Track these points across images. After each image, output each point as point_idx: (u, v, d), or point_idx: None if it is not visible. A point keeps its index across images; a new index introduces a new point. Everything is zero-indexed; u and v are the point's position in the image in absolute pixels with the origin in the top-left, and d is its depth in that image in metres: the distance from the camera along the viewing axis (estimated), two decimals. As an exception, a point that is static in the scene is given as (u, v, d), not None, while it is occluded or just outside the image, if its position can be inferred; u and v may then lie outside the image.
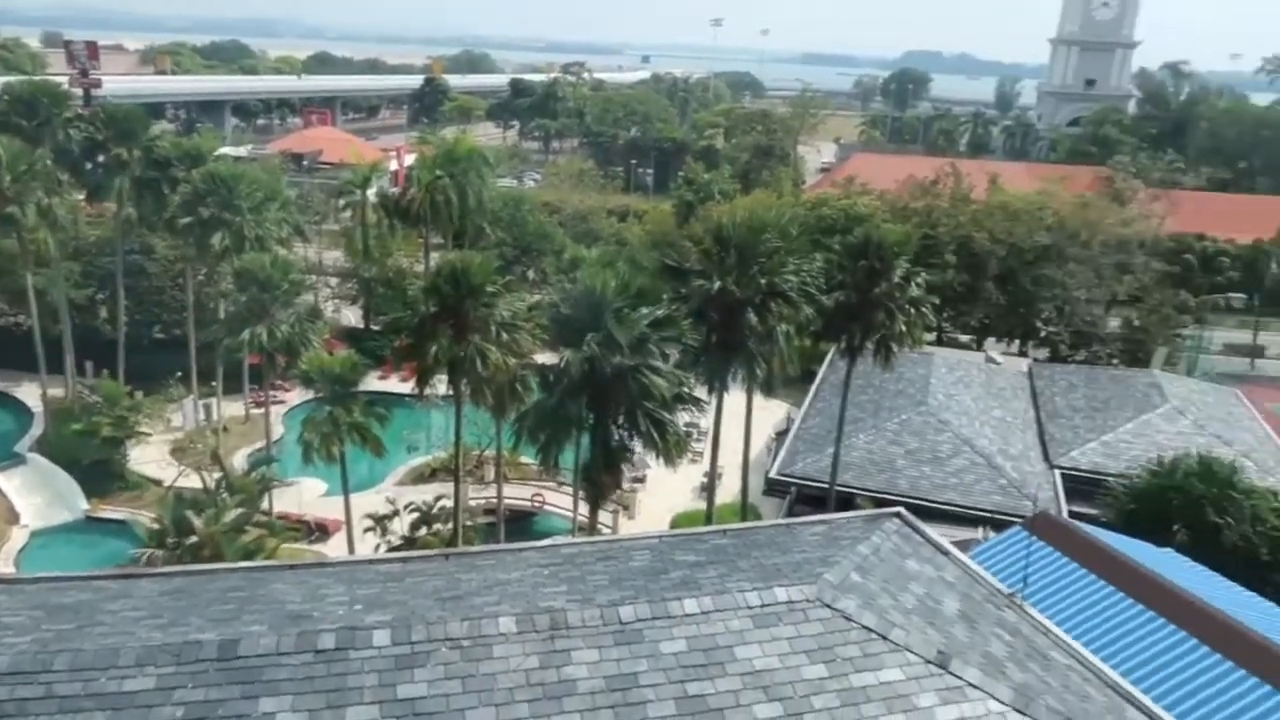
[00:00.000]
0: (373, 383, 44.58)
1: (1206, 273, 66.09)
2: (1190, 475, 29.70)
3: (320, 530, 35.82)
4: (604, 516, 33.10)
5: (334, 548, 33.97)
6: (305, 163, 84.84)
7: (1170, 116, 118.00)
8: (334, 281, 58.64)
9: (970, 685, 8.97)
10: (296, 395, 45.43)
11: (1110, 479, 32.98)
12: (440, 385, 30.33)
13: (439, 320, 28.22)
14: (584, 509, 30.05)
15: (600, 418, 25.62)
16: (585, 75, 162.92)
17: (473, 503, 36.79)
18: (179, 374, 45.35)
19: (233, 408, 45.58)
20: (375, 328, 53.49)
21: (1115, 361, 49.98)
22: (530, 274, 56.69)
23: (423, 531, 31.79)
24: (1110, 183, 71.20)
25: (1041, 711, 8.86)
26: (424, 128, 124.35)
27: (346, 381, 30.16)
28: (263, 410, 40.71)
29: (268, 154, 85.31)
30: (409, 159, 66.65)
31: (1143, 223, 60.34)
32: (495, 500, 35.18)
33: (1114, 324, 54.11)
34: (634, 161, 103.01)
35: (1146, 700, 10.42)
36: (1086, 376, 43.98)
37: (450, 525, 31.59)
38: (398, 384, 44.34)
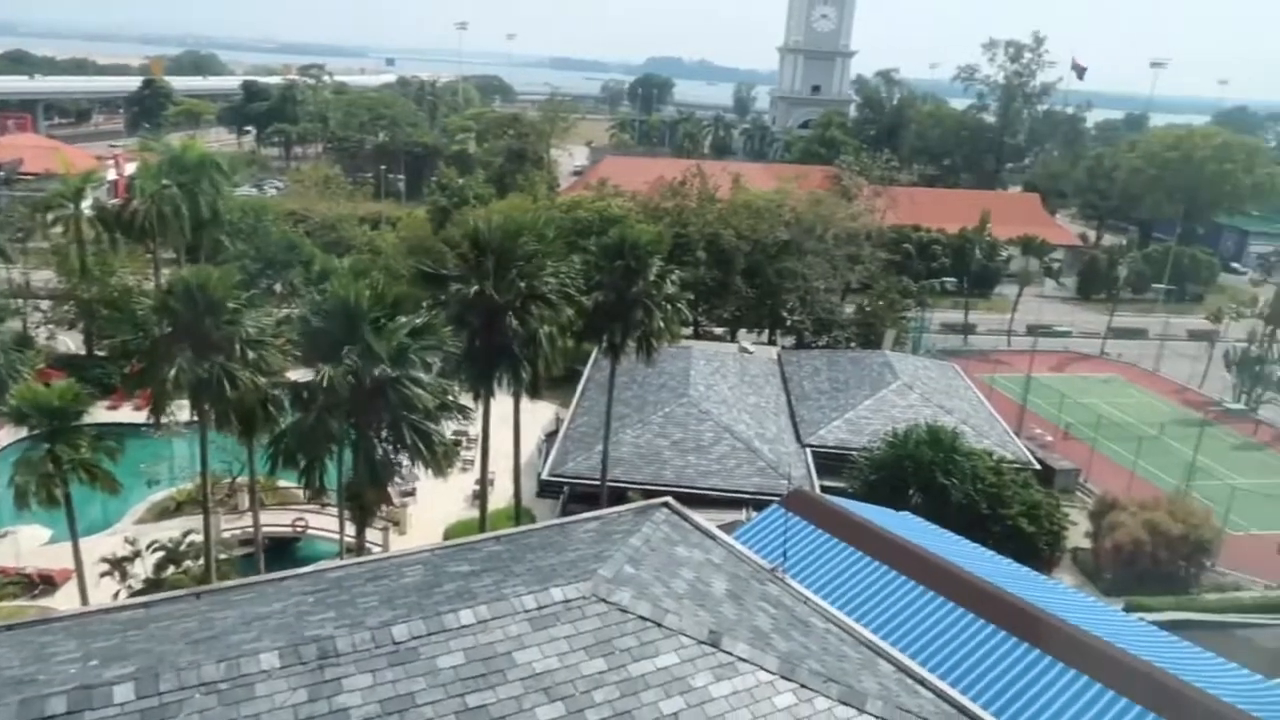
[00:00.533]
0: (102, 414, 40.33)
1: (923, 260, 73.14)
2: (920, 443, 32.78)
3: (46, 582, 31.98)
4: (373, 535, 31.88)
5: (64, 600, 30.45)
6: (2, 173, 75.50)
7: (885, 119, 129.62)
8: (46, 305, 52.50)
9: (740, 659, 9.40)
10: (6, 434, 40.28)
11: (854, 453, 35.83)
12: (181, 411, 27.99)
13: (174, 341, 26.02)
14: (352, 529, 28.76)
15: (362, 433, 24.66)
16: (326, 78, 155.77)
17: (226, 535, 34.22)
18: None
19: (-73, 455, 39.72)
20: (100, 354, 48.46)
21: (852, 344, 54.25)
22: (277, 287, 53.52)
23: (170, 571, 29.22)
24: (838, 180, 77.11)
25: (805, 675, 9.44)
26: (146, 134, 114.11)
27: (67, 415, 27.09)
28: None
29: (-47, 165, 75.19)
30: (130, 167, 60.94)
31: (867, 217, 65.87)
32: (252, 529, 32.91)
33: (849, 310, 58.67)
34: (384, 167, 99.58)
35: (894, 651, 11.37)
36: (828, 360, 47.45)
37: (201, 561, 29.24)
38: (131, 414, 40.46)
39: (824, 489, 33.27)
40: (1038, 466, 39.19)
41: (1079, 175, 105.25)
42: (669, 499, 14.09)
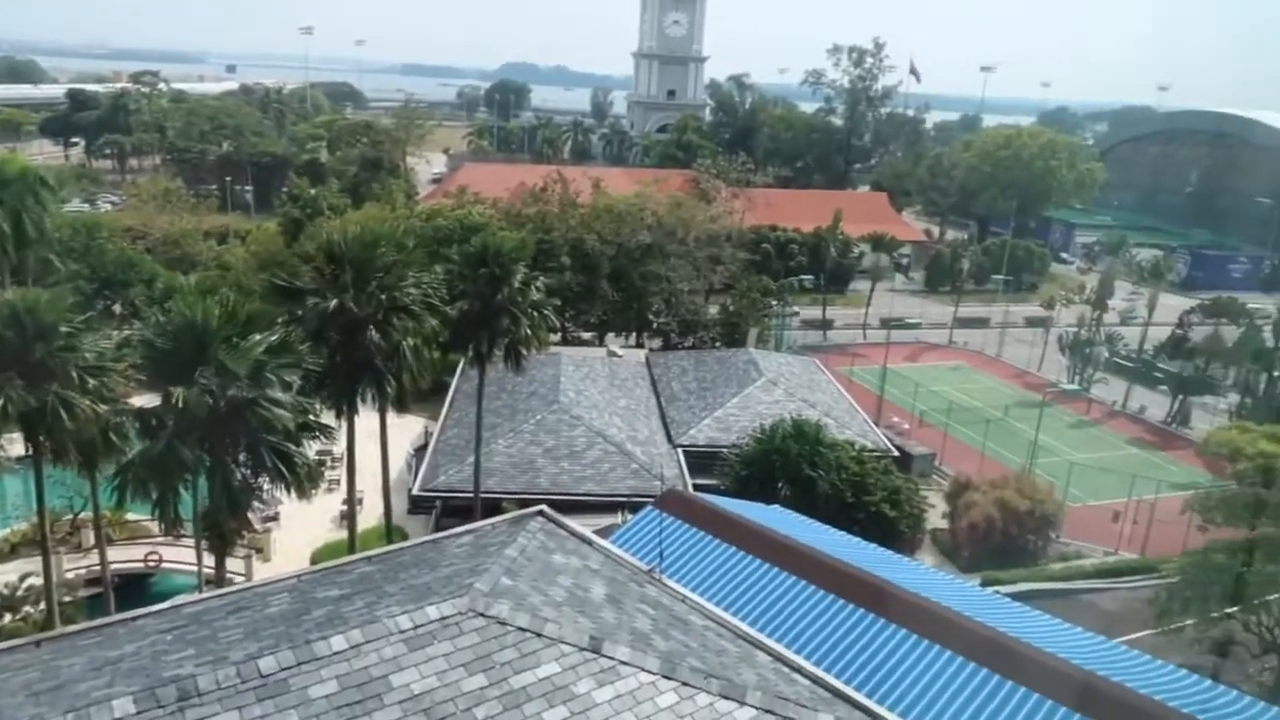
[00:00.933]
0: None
1: (781, 259, 75.35)
2: (786, 438, 33.74)
3: None
4: (235, 565, 30.40)
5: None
6: None
7: (739, 123, 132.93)
8: None
9: (622, 663, 9.43)
10: None
11: (724, 450, 36.55)
12: (13, 446, 25.98)
13: (2, 368, 24.11)
14: (211, 560, 27.33)
15: (218, 458, 23.46)
16: (162, 86, 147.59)
17: (70, 575, 31.95)
18: None
19: None
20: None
21: (718, 344, 55.33)
22: (117, 308, 50.43)
23: (6, 620, 27.08)
24: (697, 183, 78.55)
25: (686, 673, 9.55)
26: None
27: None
28: None
29: None
30: (-60, 184, 56.07)
31: (727, 218, 67.42)
32: (99, 568, 30.83)
33: (713, 310, 59.84)
34: (229, 179, 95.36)
35: (771, 642, 11.66)
36: (695, 360, 48.25)
37: (42, 606, 27.21)
38: (-46, 451, 37.21)
39: (697, 488, 33.81)
40: (896, 453, 40.96)
41: (921, 174, 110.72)
42: (544, 507, 14.04)
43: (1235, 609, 28.72)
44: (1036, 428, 45.71)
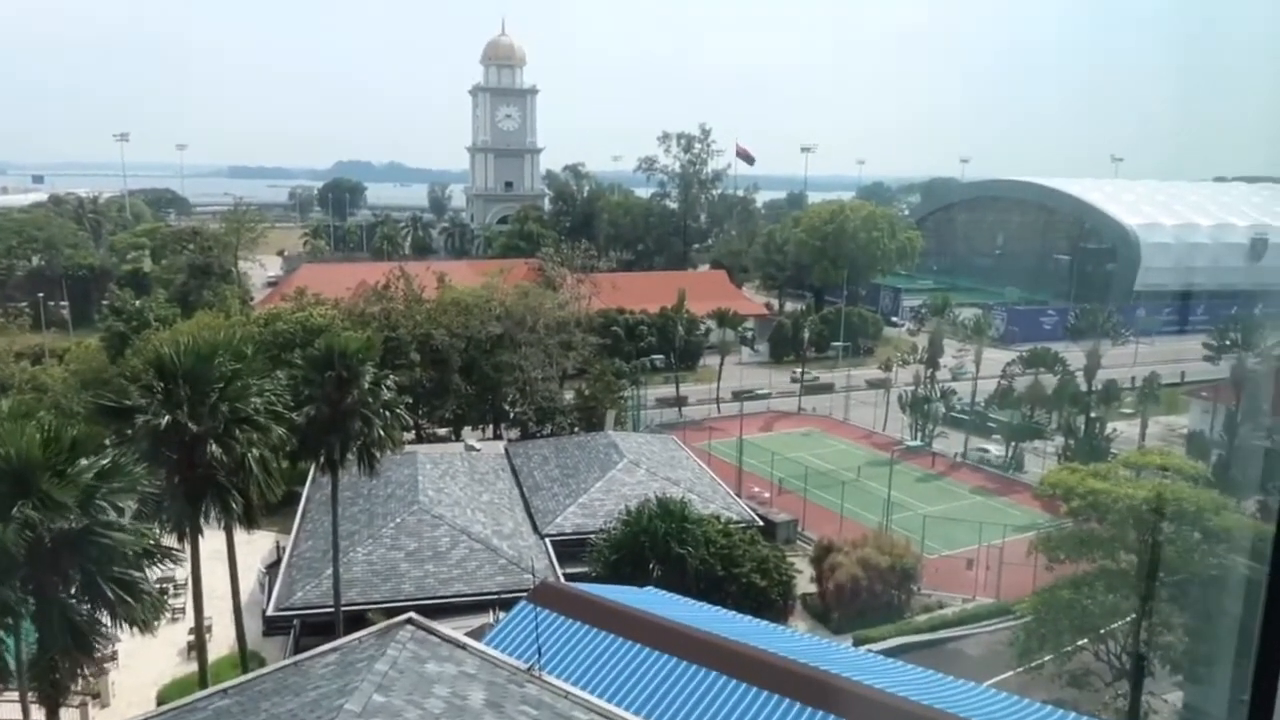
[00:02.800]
0: None
1: (631, 340, 76.48)
2: (653, 518, 33.81)
3: None
4: (70, 715, 27.52)
5: None
6: None
7: (578, 210, 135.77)
8: None
9: (512, 772, 9.04)
10: None
11: (592, 536, 36.23)
12: None
13: None
14: (41, 713, 24.66)
15: (50, 596, 21.37)
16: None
17: None
18: None
19: None
20: None
21: (576, 429, 55.22)
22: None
23: None
24: (542, 272, 79.24)
25: (580, 774, 9.24)
26: None
27: None
28: None
29: None
30: None
31: (574, 304, 68.13)
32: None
33: (569, 396, 59.87)
34: (42, 295, 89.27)
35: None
36: (555, 447, 47.95)
37: None
38: None
39: (568, 577, 33.29)
40: (761, 523, 41.68)
41: (756, 250, 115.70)
42: (412, 614, 13.52)
43: (1085, 640, 30.37)
44: (888, 485, 47.59)
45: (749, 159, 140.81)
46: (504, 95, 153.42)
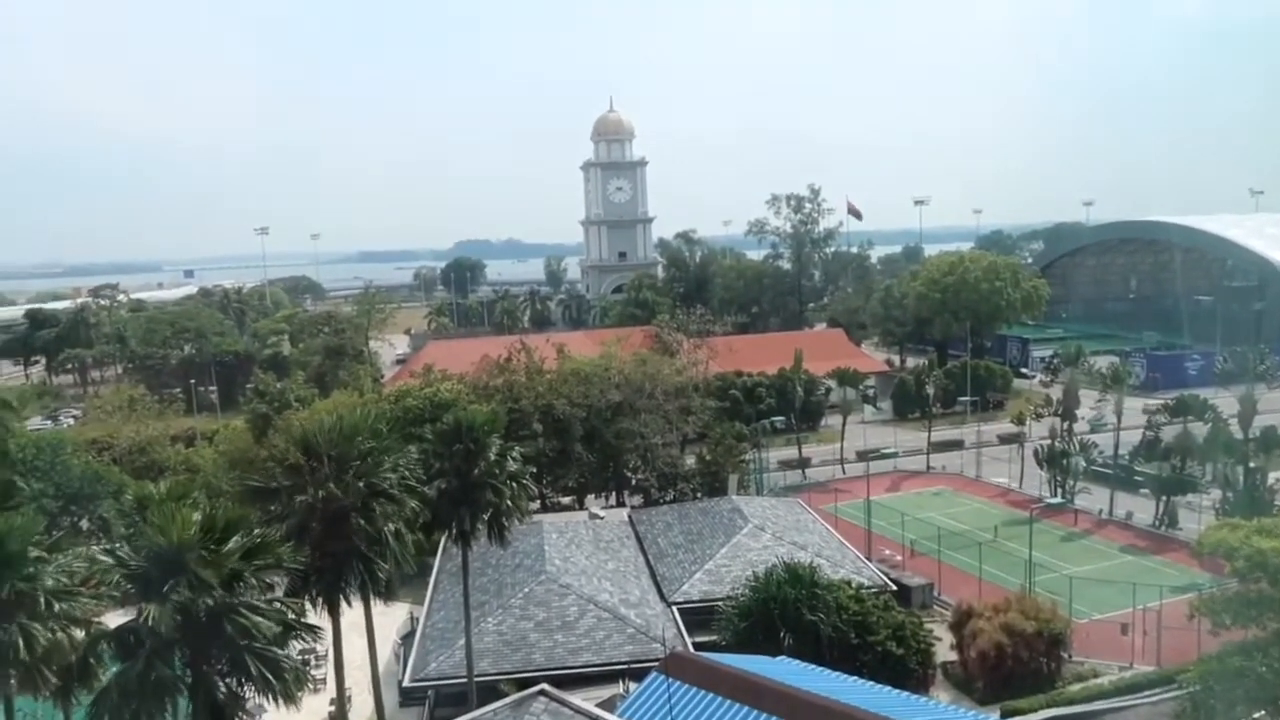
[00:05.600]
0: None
1: (750, 403, 76.01)
2: (781, 584, 33.12)
3: None
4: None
5: None
6: None
7: (691, 276, 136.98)
8: None
9: None
10: None
11: (720, 604, 35.67)
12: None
13: (-33, 603, 23.19)
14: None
15: (199, 673, 22.39)
16: (121, 297, 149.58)
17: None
18: None
19: None
20: None
21: (699, 495, 54.89)
22: (85, 523, 49.18)
23: None
24: (658, 338, 79.98)
25: None
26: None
27: None
28: None
29: None
30: (-100, 417, 55.43)
31: (692, 369, 68.33)
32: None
33: (690, 461, 59.69)
34: (193, 381, 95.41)
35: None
36: (679, 513, 47.70)
37: None
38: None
39: (697, 646, 32.80)
40: (894, 587, 40.21)
41: (874, 307, 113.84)
42: (544, 685, 13.61)
43: (1261, 713, 27.91)
44: (1029, 545, 45.30)
45: (858, 215, 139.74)
46: (614, 168, 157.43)
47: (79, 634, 24.70)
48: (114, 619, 25.08)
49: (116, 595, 25.03)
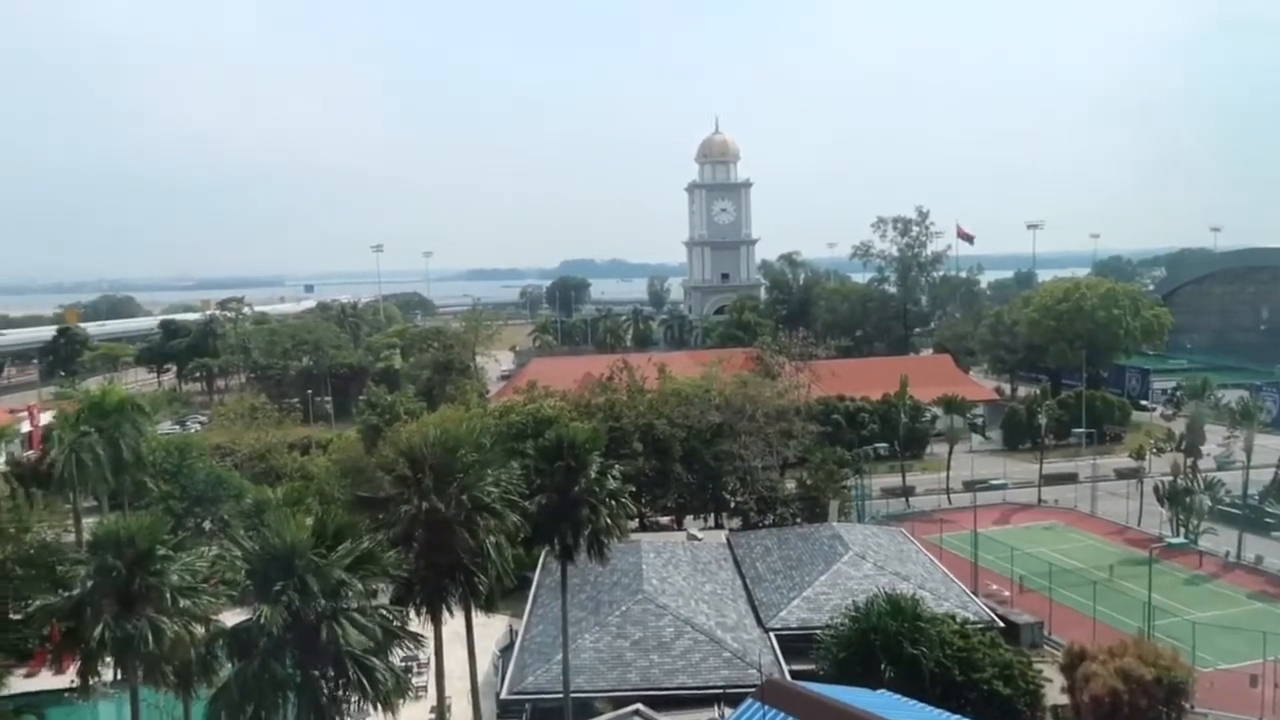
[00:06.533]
0: (18, 683, 37.48)
1: (853, 428, 74.72)
2: (883, 615, 32.31)
3: None
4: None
5: None
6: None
7: (794, 299, 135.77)
8: (-45, 571, 49.42)
9: None
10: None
11: (818, 632, 35.04)
12: (106, 671, 26.09)
13: (101, 596, 24.65)
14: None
15: (307, 674, 23.20)
16: (245, 309, 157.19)
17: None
18: None
19: None
20: (15, 617, 45.41)
21: (798, 520, 54.13)
22: (207, 525, 51.69)
23: None
24: (760, 361, 79.41)
25: None
26: (62, 382, 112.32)
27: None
28: None
29: None
30: (45, 417, 59.53)
31: (793, 392, 67.53)
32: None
33: (790, 485, 58.95)
34: (310, 391, 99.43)
35: None
36: (778, 538, 47.15)
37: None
38: (51, 679, 37.56)
39: (794, 674, 32.30)
40: (1001, 624, 38.79)
41: (983, 333, 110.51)
42: (639, 706, 13.60)
43: None
44: (1149, 587, 43.02)
45: (969, 239, 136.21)
46: (719, 190, 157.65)
47: (199, 630, 25.92)
48: (229, 619, 26.29)
49: (234, 594, 26.25)
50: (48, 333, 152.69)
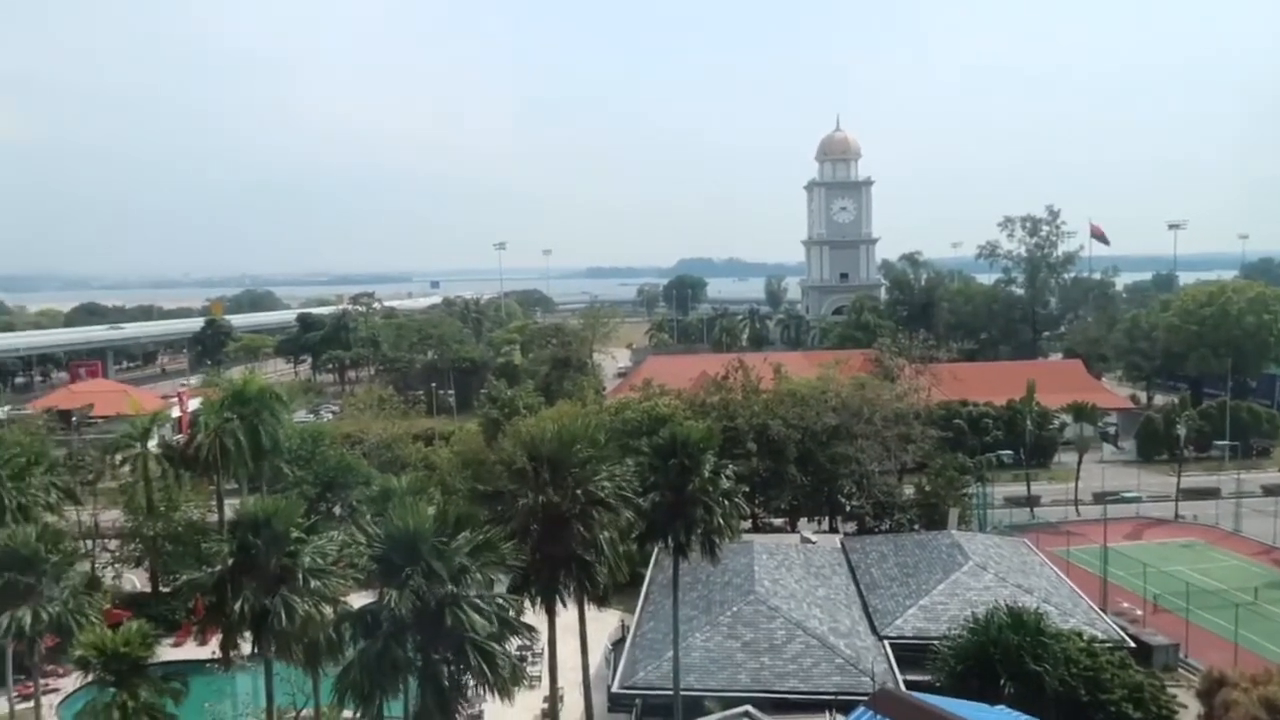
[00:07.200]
0: (166, 652, 40.14)
1: (976, 434, 72.40)
2: (1004, 628, 31.24)
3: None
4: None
5: None
6: (74, 419, 78.92)
7: (915, 300, 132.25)
8: (114, 544, 53.35)
9: None
10: (74, 681, 39.97)
11: (934, 642, 34.15)
12: (243, 644, 27.73)
13: (241, 573, 26.24)
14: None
15: (427, 658, 24.12)
16: (376, 304, 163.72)
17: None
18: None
19: (-6, 706, 39.49)
20: (165, 590, 48.72)
21: (916, 526, 52.84)
22: (337, 510, 54.13)
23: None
24: (879, 363, 77.80)
25: None
26: (208, 370, 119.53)
27: (133, 660, 26.92)
28: (32, 704, 35.47)
29: (29, 414, 78.72)
30: (193, 403, 63.43)
31: (913, 395, 65.89)
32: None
33: (908, 491, 57.59)
34: (434, 384, 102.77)
35: None
36: (894, 544, 46.14)
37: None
38: (195, 650, 40.16)
39: (908, 684, 31.60)
40: (1132, 644, 36.93)
41: (1117, 338, 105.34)
42: (748, 708, 13.63)
43: None
44: (1298, 612, 40.35)
45: (1104, 239, 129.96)
46: (839, 188, 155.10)
47: (328, 611, 27.26)
48: (355, 601, 27.55)
49: (361, 577, 27.47)
50: (196, 324, 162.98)
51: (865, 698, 23.67)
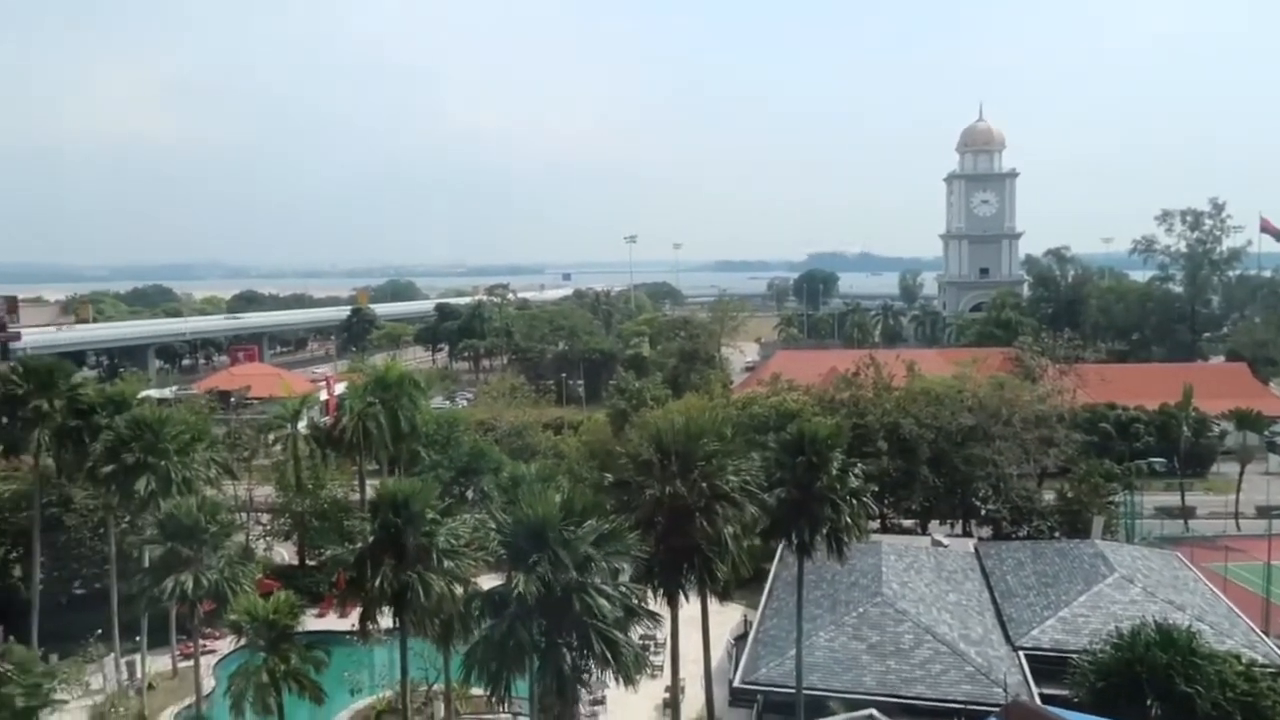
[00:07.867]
0: (310, 622, 42.43)
1: (1124, 440, 68.53)
2: (1151, 645, 29.52)
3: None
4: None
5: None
6: (233, 400, 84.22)
7: (1061, 297, 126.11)
8: (265, 518, 56.79)
9: None
10: (228, 644, 42.80)
11: (1074, 656, 32.58)
12: (382, 619, 29.03)
13: (381, 551, 27.45)
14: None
15: (551, 642, 24.64)
16: (510, 295, 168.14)
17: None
18: (98, 631, 42.54)
19: (159, 662, 42.61)
20: (310, 563, 51.50)
21: (1057, 534, 50.49)
22: (469, 494, 55.93)
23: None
24: (1019, 362, 74.62)
25: None
26: (353, 356, 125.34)
27: (282, 627, 28.62)
28: (192, 663, 38.15)
29: (194, 394, 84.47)
30: (339, 388, 66.70)
31: (1056, 397, 62.89)
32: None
33: (1049, 497, 55.09)
34: (564, 374, 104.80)
35: None
36: (1033, 552, 44.22)
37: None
38: (336, 621, 42.27)
39: (1044, 699, 30.29)
40: (1297, 670, 34.26)
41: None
42: (872, 711, 13.34)
43: None
44: None
45: (1277, 235, 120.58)
46: (980, 180, 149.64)
47: (459, 590, 28.25)
48: (485, 583, 28.42)
49: (490, 560, 28.33)
50: (343, 312, 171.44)
51: (996, 709, 22.85)
